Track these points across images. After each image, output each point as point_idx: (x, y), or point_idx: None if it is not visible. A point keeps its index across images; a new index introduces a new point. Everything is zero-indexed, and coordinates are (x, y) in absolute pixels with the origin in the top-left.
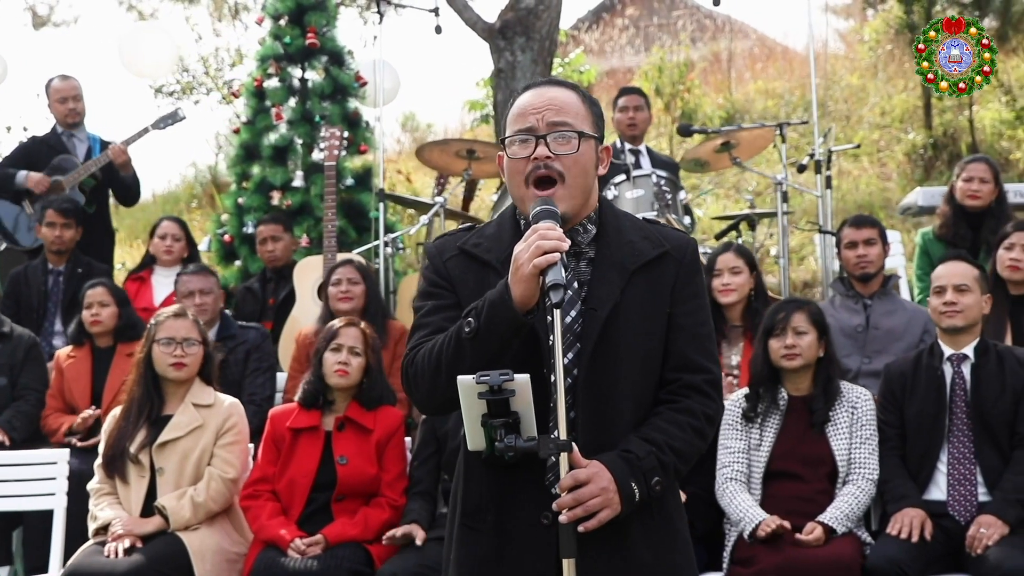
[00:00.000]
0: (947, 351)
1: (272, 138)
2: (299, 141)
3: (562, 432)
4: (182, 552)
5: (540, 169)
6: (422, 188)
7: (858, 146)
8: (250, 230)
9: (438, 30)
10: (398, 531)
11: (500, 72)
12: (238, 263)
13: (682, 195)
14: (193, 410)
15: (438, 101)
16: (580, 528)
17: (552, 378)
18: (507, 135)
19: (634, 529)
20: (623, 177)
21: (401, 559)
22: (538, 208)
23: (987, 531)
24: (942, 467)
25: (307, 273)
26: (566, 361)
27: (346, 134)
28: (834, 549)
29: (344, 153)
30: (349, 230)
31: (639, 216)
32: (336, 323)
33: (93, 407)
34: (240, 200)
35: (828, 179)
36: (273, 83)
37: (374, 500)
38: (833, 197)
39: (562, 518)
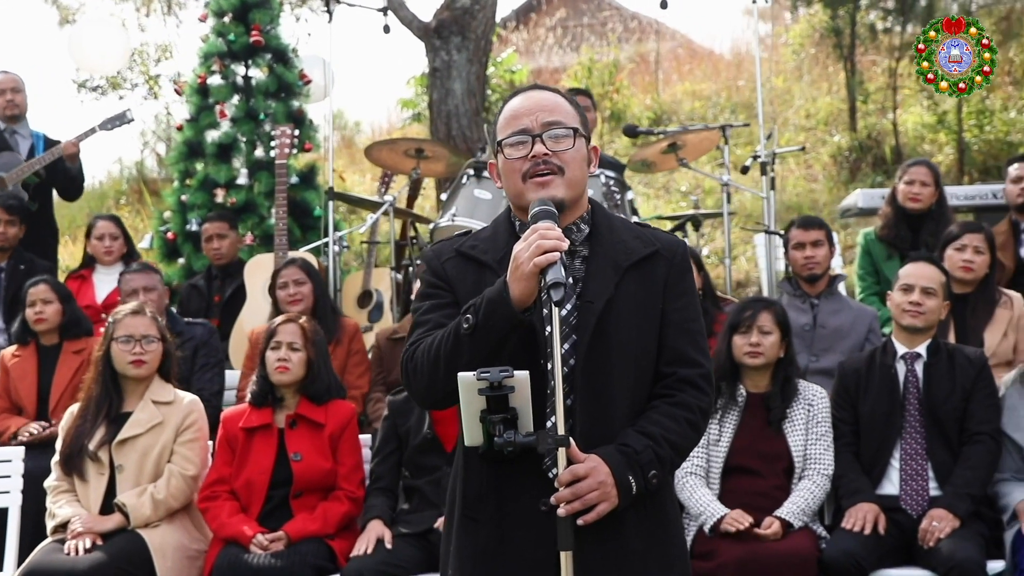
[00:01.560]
0: (900, 349)
1: (216, 135)
2: (243, 139)
3: (560, 426)
4: (143, 549)
5: (540, 165)
6: (353, 186)
7: (803, 148)
8: (194, 227)
9: (386, 29)
10: (368, 536)
11: (435, 71)
12: (181, 260)
13: (629, 195)
14: (153, 407)
15: (366, 99)
16: (579, 521)
17: (549, 368)
18: (501, 138)
19: (628, 520)
20: None
21: (366, 555)
22: (537, 208)
23: (939, 524)
24: (895, 462)
25: (257, 271)
26: (562, 351)
27: (296, 132)
28: (792, 543)
29: (295, 151)
30: (294, 228)
31: None
32: (275, 321)
33: (42, 423)
34: (183, 197)
35: (772, 180)
36: (216, 80)
37: (332, 494)
38: (759, 198)
39: (560, 511)
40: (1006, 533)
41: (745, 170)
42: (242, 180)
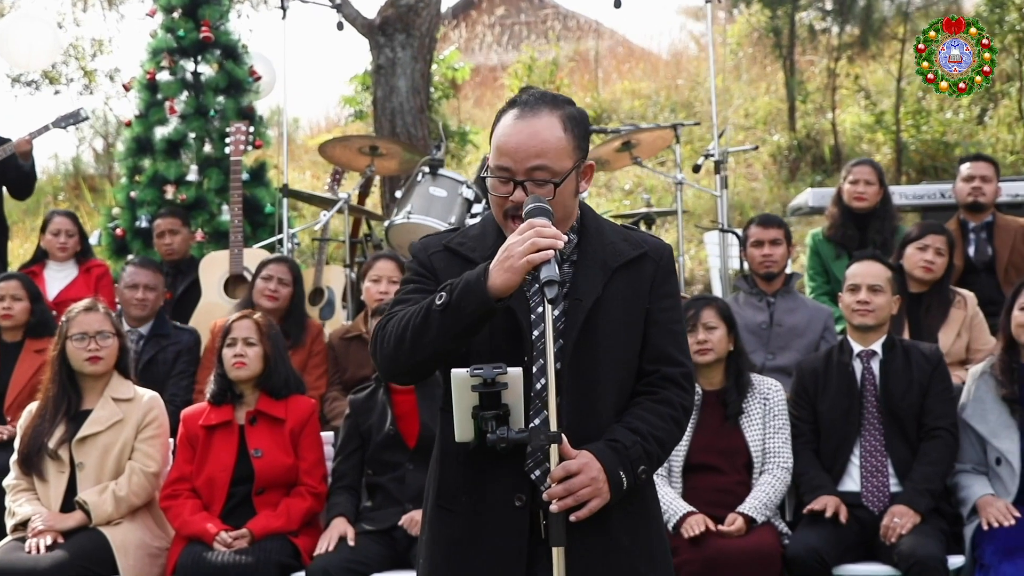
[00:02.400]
0: (856, 347)
1: (165, 132)
2: (193, 135)
3: (553, 423)
4: (105, 547)
5: (519, 211)
6: (293, 183)
7: (756, 148)
8: (143, 224)
9: (340, 26)
10: (331, 534)
11: (380, 68)
12: (131, 257)
13: (584, 193)
14: (113, 404)
15: (305, 96)
16: (572, 517)
17: (535, 369)
18: (490, 163)
19: (614, 516)
20: None
21: (331, 553)
22: (532, 205)
23: (900, 520)
24: (855, 459)
25: (212, 268)
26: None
27: (252, 129)
28: (755, 539)
29: (250, 148)
30: (244, 225)
31: None
32: (231, 317)
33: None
34: (132, 194)
35: (724, 179)
36: (165, 76)
37: (294, 490)
38: (702, 197)
39: (553, 508)
40: (966, 528)
41: (697, 168)
42: (192, 176)
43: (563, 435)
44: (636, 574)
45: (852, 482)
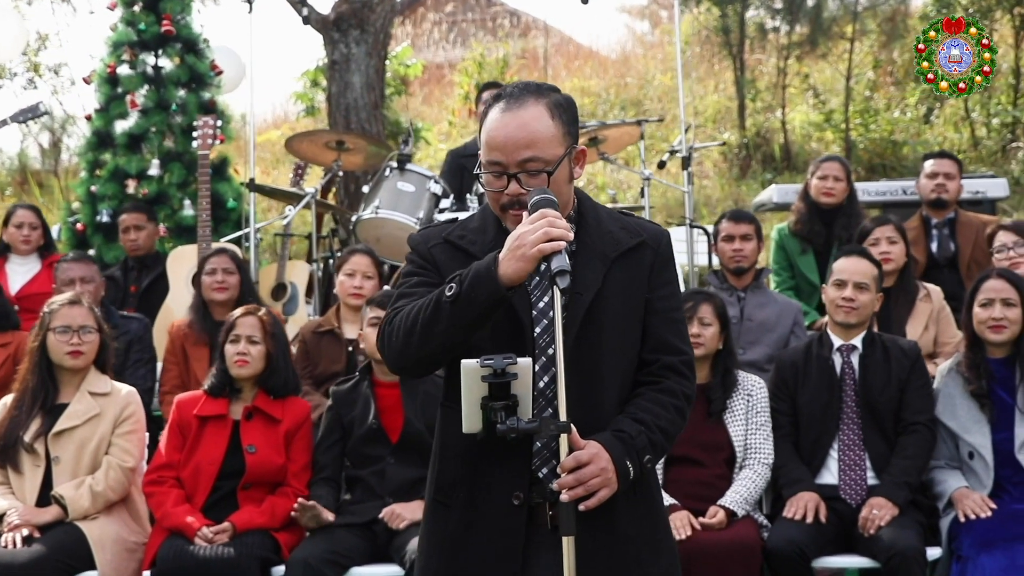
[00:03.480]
0: (836, 342)
1: (127, 126)
2: (154, 129)
3: (562, 413)
4: (82, 542)
5: (515, 204)
6: (243, 177)
7: (723, 143)
8: (105, 219)
9: (306, 20)
10: (308, 501)
11: (334, 64)
12: (91, 252)
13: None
14: (90, 399)
15: (256, 91)
16: (581, 507)
17: (536, 368)
18: (482, 159)
19: (619, 505)
20: None
21: (311, 545)
22: (538, 197)
23: (879, 512)
24: (833, 453)
25: (180, 263)
26: (551, 351)
27: (219, 123)
28: (736, 531)
29: (218, 142)
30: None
31: None
32: (235, 313)
33: None
34: (93, 188)
35: (690, 175)
36: (126, 70)
37: (280, 489)
38: (665, 193)
39: (564, 497)
40: (942, 520)
41: (662, 165)
42: (154, 171)
43: (571, 425)
44: (641, 563)
45: (830, 475)
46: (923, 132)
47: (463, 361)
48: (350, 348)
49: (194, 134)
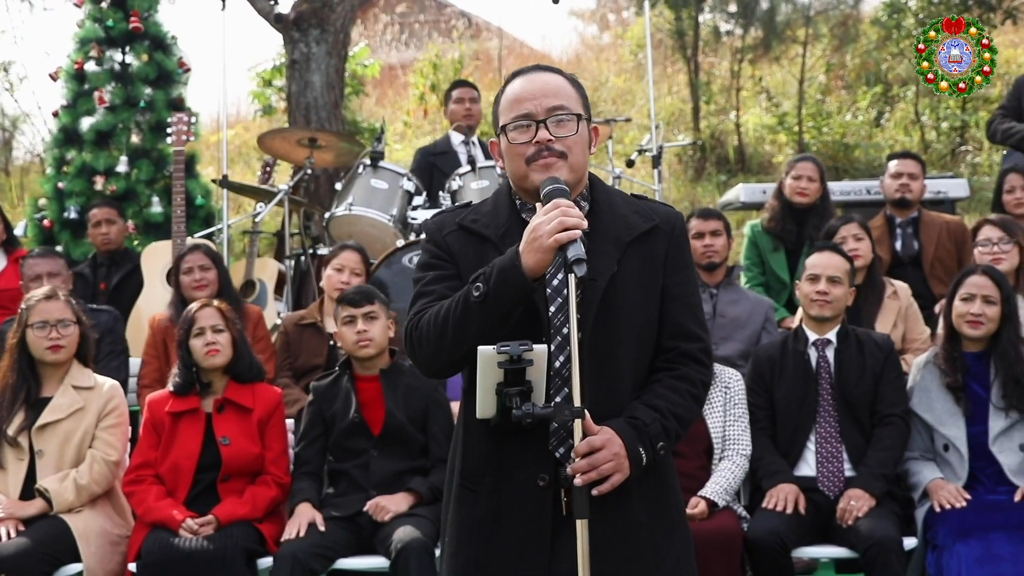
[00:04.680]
0: (811, 336)
1: (94, 122)
2: (121, 126)
3: (576, 399)
4: (67, 534)
5: (543, 152)
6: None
7: (694, 143)
8: (72, 215)
9: (278, 19)
10: (300, 519)
11: (294, 63)
12: (59, 248)
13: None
14: (74, 392)
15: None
16: (594, 492)
17: (552, 347)
18: (504, 122)
19: (633, 490)
20: (467, 168)
21: (299, 539)
22: (550, 187)
23: (856, 503)
24: (811, 445)
25: (154, 259)
26: (566, 331)
27: (194, 120)
28: (718, 522)
29: (193, 139)
30: None
31: None
32: (191, 308)
33: None
34: (60, 184)
35: (660, 173)
36: (93, 66)
37: (260, 478)
38: (633, 191)
39: (577, 481)
40: (917, 511)
41: (631, 163)
42: (121, 168)
43: (586, 411)
44: (655, 548)
45: (808, 467)
46: (874, 135)
47: (480, 348)
48: (332, 342)
49: (168, 131)
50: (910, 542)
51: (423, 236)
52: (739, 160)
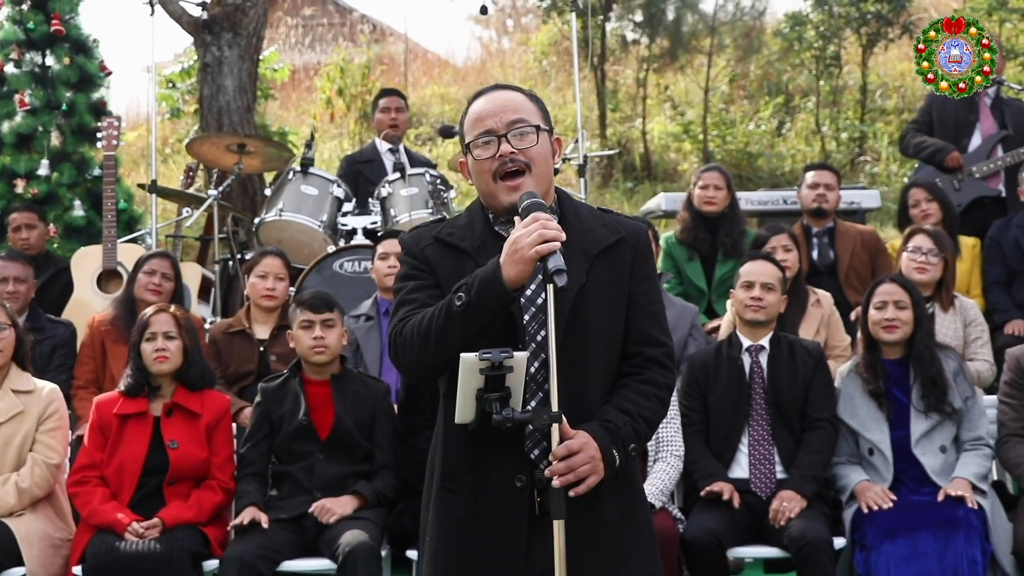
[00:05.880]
0: (745, 342)
1: (15, 125)
2: (42, 129)
3: (554, 403)
4: (9, 538)
5: (507, 164)
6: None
7: (619, 152)
8: None
9: (205, 24)
10: (244, 517)
11: (206, 66)
12: None
13: (452, 193)
14: (13, 396)
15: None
16: (571, 493)
17: (535, 360)
18: (469, 140)
19: (603, 491)
20: (397, 175)
21: (244, 541)
22: (529, 201)
23: (789, 504)
24: (743, 448)
25: (85, 264)
26: (540, 338)
27: (123, 123)
28: (655, 523)
29: (122, 143)
30: (96, 221)
31: (413, 214)
32: (147, 312)
33: None
34: None
35: (586, 183)
36: (12, 69)
37: (205, 483)
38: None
39: (555, 483)
40: (845, 512)
41: (556, 171)
42: (43, 171)
43: (563, 416)
44: (624, 544)
45: (740, 469)
46: (776, 144)
47: (462, 355)
48: (261, 348)
49: (99, 135)
50: (839, 542)
51: (400, 250)
52: (645, 168)
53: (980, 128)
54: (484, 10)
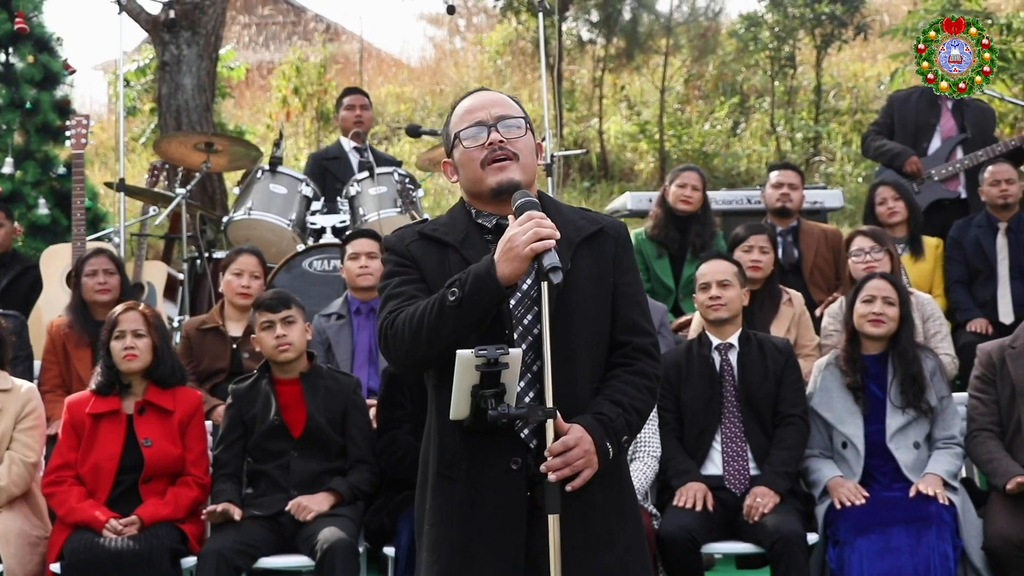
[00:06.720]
0: (715, 341)
1: None
2: (6, 127)
3: (548, 400)
4: None
5: (496, 151)
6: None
7: (587, 152)
8: None
9: (171, 23)
10: (217, 507)
11: (165, 65)
12: None
13: (420, 192)
14: None
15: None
16: (568, 487)
17: (514, 334)
18: (457, 130)
19: (593, 480)
20: (366, 174)
21: (222, 537)
22: (522, 200)
23: (762, 500)
24: (717, 445)
25: (54, 261)
26: (527, 321)
27: (93, 122)
28: None
29: (91, 141)
30: (61, 219)
31: (382, 213)
32: (116, 310)
33: None
34: None
35: (553, 182)
36: None
37: (180, 480)
38: None
39: (552, 477)
40: (817, 507)
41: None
42: (7, 169)
43: (557, 411)
44: (611, 530)
45: (714, 466)
46: (732, 144)
47: (458, 351)
48: (234, 345)
49: (68, 133)
50: (812, 537)
51: (385, 250)
52: (602, 167)
53: (940, 130)
54: (451, 9)
